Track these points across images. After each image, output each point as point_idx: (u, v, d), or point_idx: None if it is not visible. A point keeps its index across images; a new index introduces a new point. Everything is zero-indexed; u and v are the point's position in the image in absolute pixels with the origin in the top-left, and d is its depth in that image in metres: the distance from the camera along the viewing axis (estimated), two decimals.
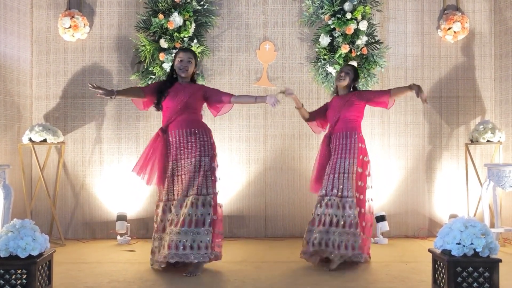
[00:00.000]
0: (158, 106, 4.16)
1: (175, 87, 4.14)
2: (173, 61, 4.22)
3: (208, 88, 4.28)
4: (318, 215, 4.24)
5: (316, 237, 4.14)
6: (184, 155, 4.05)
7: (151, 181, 4.11)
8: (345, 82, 4.38)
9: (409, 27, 5.73)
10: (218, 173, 4.11)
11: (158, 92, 4.14)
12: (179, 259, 3.84)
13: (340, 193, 4.18)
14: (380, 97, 4.38)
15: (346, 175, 4.21)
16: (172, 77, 4.23)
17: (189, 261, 3.87)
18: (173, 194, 4.08)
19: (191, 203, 3.91)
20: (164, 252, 3.88)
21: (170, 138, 4.09)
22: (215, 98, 4.20)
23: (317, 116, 4.61)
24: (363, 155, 4.31)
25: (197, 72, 4.32)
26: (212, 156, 4.09)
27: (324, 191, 4.25)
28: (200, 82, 5.42)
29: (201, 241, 3.87)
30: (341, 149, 4.29)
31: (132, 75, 5.53)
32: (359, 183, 4.25)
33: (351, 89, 4.46)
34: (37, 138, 5.08)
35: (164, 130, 4.09)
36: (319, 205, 4.25)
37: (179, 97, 4.07)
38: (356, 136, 4.31)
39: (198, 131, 4.08)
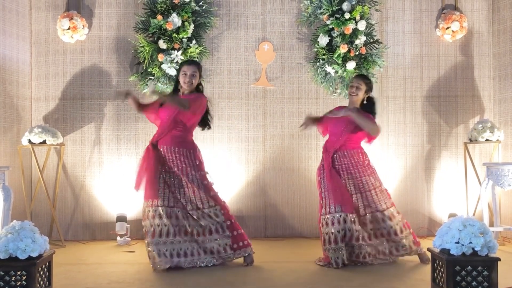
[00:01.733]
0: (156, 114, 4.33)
1: None
2: (178, 72, 4.33)
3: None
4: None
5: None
6: (175, 168, 4.22)
7: (147, 197, 4.23)
8: (357, 97, 4.35)
9: (408, 27, 5.74)
10: (209, 178, 4.33)
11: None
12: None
13: None
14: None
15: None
16: (177, 89, 4.36)
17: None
18: (174, 201, 4.21)
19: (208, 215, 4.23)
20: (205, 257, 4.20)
21: (162, 152, 4.23)
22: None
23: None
24: None
25: (201, 82, 4.39)
26: (198, 166, 4.27)
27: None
28: None
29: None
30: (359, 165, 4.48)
31: (131, 76, 5.53)
32: None
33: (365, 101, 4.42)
34: (36, 139, 5.09)
35: (154, 146, 4.23)
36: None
37: (169, 111, 4.20)
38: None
39: (183, 151, 4.24)
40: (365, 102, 4.38)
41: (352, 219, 4.20)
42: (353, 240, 4.19)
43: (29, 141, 5.11)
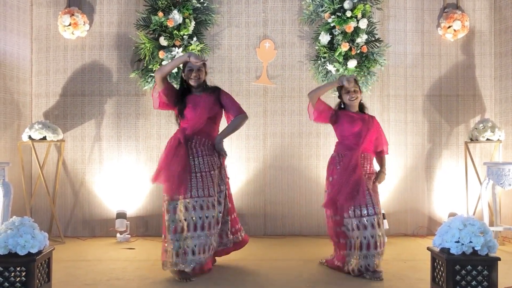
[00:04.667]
0: (181, 116, 4.03)
1: (192, 99, 4.00)
2: (183, 69, 4.07)
3: (225, 97, 4.13)
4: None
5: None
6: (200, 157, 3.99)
7: (173, 192, 3.86)
8: (358, 100, 4.15)
9: (409, 26, 5.73)
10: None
11: (175, 98, 4.02)
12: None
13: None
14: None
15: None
16: (184, 88, 4.07)
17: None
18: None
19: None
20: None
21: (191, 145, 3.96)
22: (227, 109, 4.15)
23: (326, 109, 4.20)
24: None
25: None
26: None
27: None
28: None
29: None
30: (371, 172, 4.13)
31: (132, 73, 5.53)
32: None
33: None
34: (36, 135, 5.09)
35: (187, 139, 3.93)
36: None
37: (199, 111, 3.94)
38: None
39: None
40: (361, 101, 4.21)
41: None
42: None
43: (30, 137, 5.11)
